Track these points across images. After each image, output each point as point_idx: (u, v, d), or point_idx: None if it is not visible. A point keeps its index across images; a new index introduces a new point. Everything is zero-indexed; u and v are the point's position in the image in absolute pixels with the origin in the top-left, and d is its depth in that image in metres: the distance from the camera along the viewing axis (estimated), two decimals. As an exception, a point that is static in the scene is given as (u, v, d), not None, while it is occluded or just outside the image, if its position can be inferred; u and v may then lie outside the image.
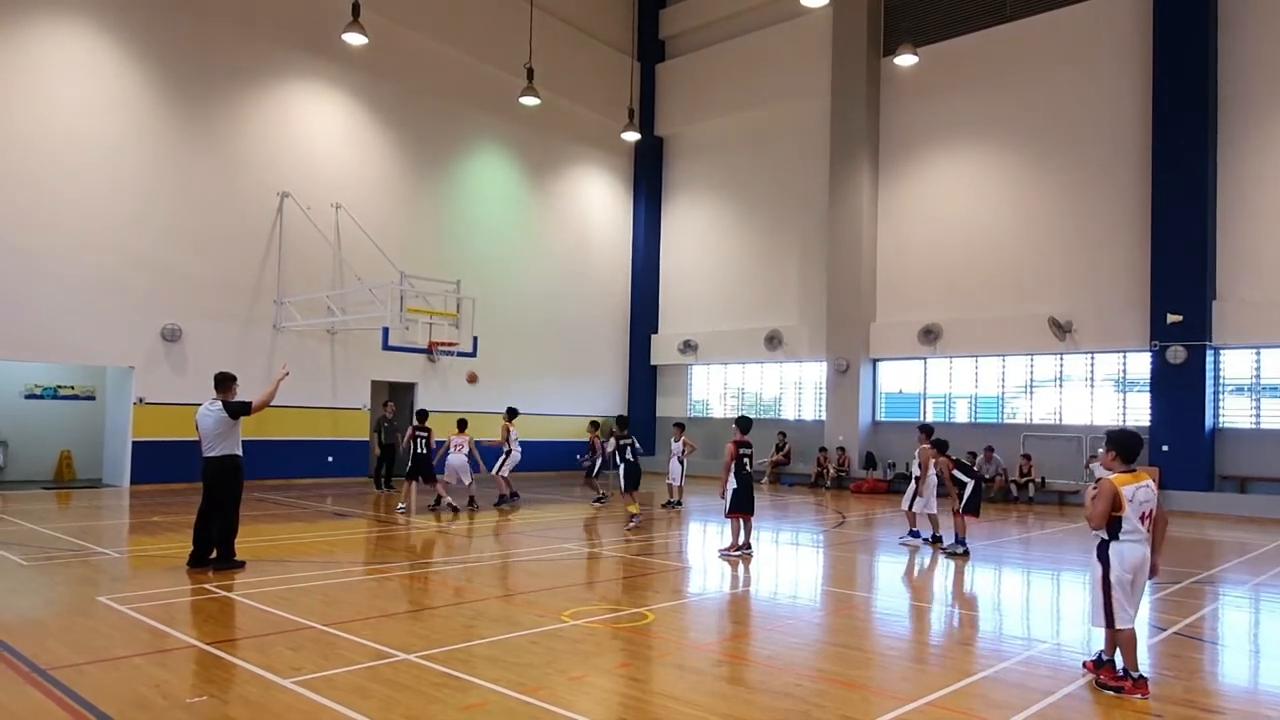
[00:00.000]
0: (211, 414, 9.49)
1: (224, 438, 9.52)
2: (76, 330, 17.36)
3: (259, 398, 9.78)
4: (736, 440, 11.58)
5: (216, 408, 9.51)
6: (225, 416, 9.48)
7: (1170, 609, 8.81)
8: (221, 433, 9.51)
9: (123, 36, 18.01)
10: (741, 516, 11.44)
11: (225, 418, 9.49)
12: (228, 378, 9.76)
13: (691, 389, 29.10)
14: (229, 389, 9.70)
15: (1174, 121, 19.23)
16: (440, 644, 6.61)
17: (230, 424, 9.53)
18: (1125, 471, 6.09)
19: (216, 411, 9.49)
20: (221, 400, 9.59)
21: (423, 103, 23.30)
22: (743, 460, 11.54)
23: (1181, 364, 18.92)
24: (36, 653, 6.10)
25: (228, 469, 9.56)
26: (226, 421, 9.49)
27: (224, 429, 9.50)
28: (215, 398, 9.61)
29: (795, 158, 26.17)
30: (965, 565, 11.48)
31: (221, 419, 9.48)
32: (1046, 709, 5.50)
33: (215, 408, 9.51)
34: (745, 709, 5.37)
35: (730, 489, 11.37)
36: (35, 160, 16.88)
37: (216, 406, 9.52)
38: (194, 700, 5.22)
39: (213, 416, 9.49)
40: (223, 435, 9.51)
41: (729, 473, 11.40)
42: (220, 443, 9.51)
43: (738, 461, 11.47)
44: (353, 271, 20.55)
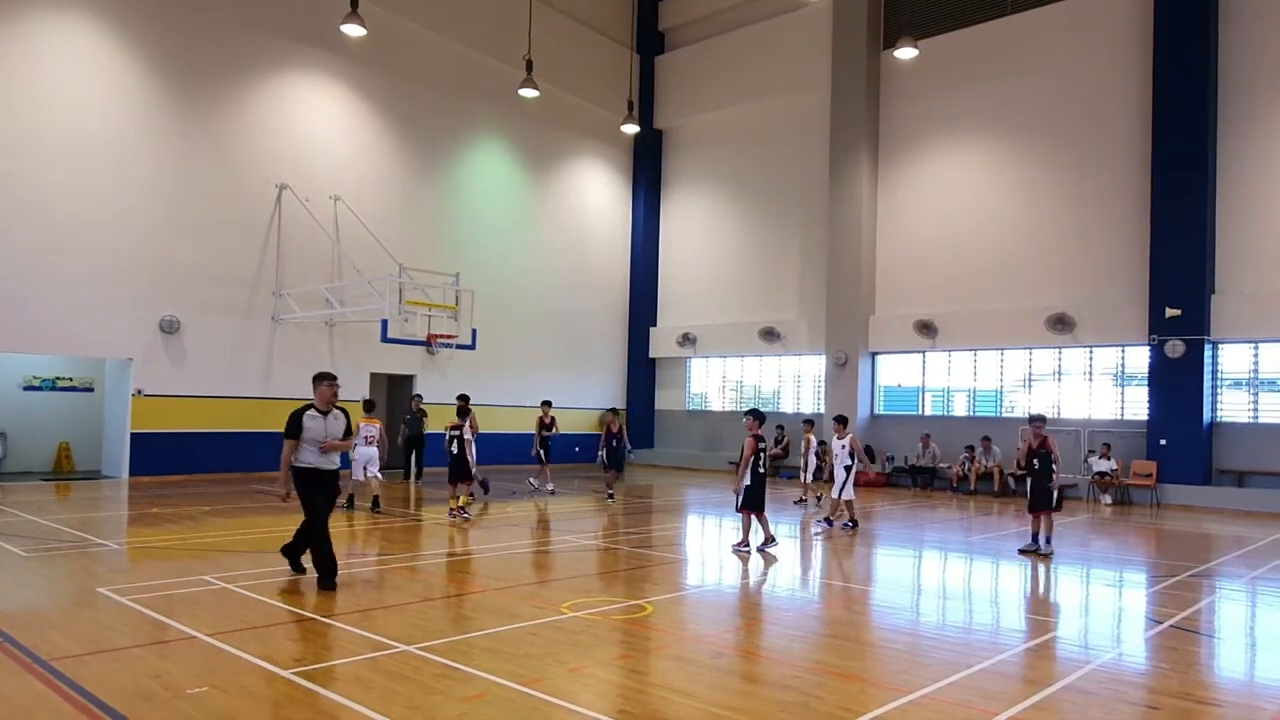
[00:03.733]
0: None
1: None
2: (75, 322, 17.35)
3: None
4: (756, 435, 11.34)
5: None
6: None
7: (1168, 602, 8.84)
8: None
9: (122, 29, 17.95)
10: (754, 514, 11.37)
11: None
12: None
13: (690, 382, 29.12)
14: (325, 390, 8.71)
15: (1174, 115, 19.22)
16: (440, 635, 6.63)
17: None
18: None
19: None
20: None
21: (421, 95, 23.25)
22: (760, 456, 11.37)
23: (1180, 358, 18.94)
24: (37, 643, 6.12)
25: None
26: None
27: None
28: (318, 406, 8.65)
29: (795, 151, 26.14)
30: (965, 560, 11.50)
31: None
32: (1044, 700, 5.53)
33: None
34: (744, 700, 5.39)
35: (744, 485, 11.22)
36: (34, 152, 16.84)
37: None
38: (195, 691, 5.23)
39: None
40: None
41: (747, 468, 11.18)
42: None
43: (755, 456, 11.29)
44: (351, 264, 20.53)
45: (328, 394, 8.51)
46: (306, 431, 8.27)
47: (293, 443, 8.25)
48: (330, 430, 8.42)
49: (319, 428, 8.34)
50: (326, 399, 8.51)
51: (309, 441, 8.28)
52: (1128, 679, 6.21)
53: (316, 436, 8.30)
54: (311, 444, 8.29)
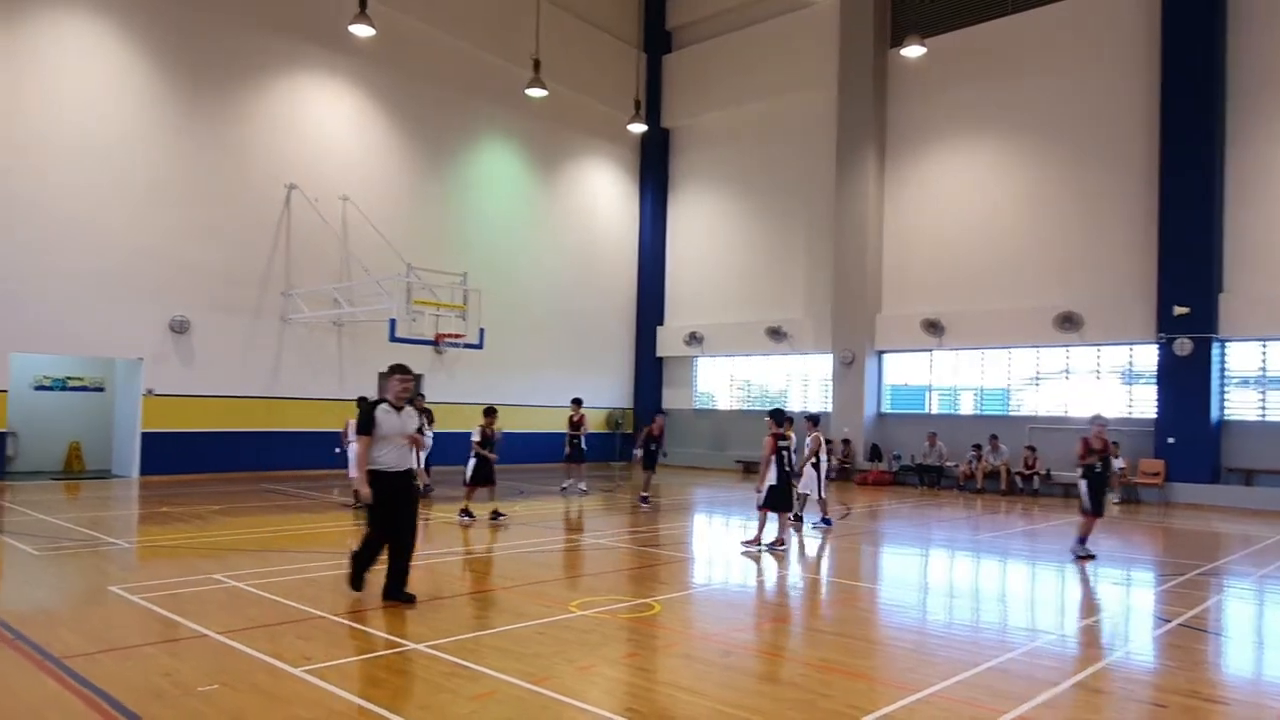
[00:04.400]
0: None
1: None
2: (86, 322, 17.45)
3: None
4: (775, 434, 11.29)
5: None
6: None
7: (1175, 600, 8.83)
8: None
9: (131, 30, 18.04)
10: (778, 514, 11.27)
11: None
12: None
13: (697, 381, 29.12)
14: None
15: (1182, 113, 19.15)
16: (449, 634, 6.66)
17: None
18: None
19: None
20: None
21: (429, 94, 23.31)
22: (782, 455, 11.26)
23: (1188, 356, 18.87)
24: (49, 641, 6.16)
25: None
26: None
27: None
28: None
29: (801, 150, 26.12)
30: (973, 559, 11.49)
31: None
32: (1052, 699, 5.53)
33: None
34: (752, 699, 5.41)
35: (768, 485, 11.15)
36: (44, 153, 16.95)
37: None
38: (206, 689, 5.27)
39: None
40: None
41: (769, 466, 11.16)
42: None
43: (777, 456, 11.23)
44: (360, 264, 20.60)
45: (399, 388, 7.76)
46: (381, 427, 7.53)
47: (368, 439, 7.52)
48: (404, 427, 7.73)
49: (394, 424, 7.61)
50: (399, 393, 7.76)
51: (383, 439, 7.56)
52: (1136, 677, 6.21)
53: (391, 433, 7.59)
54: (386, 441, 7.57)
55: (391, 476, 7.61)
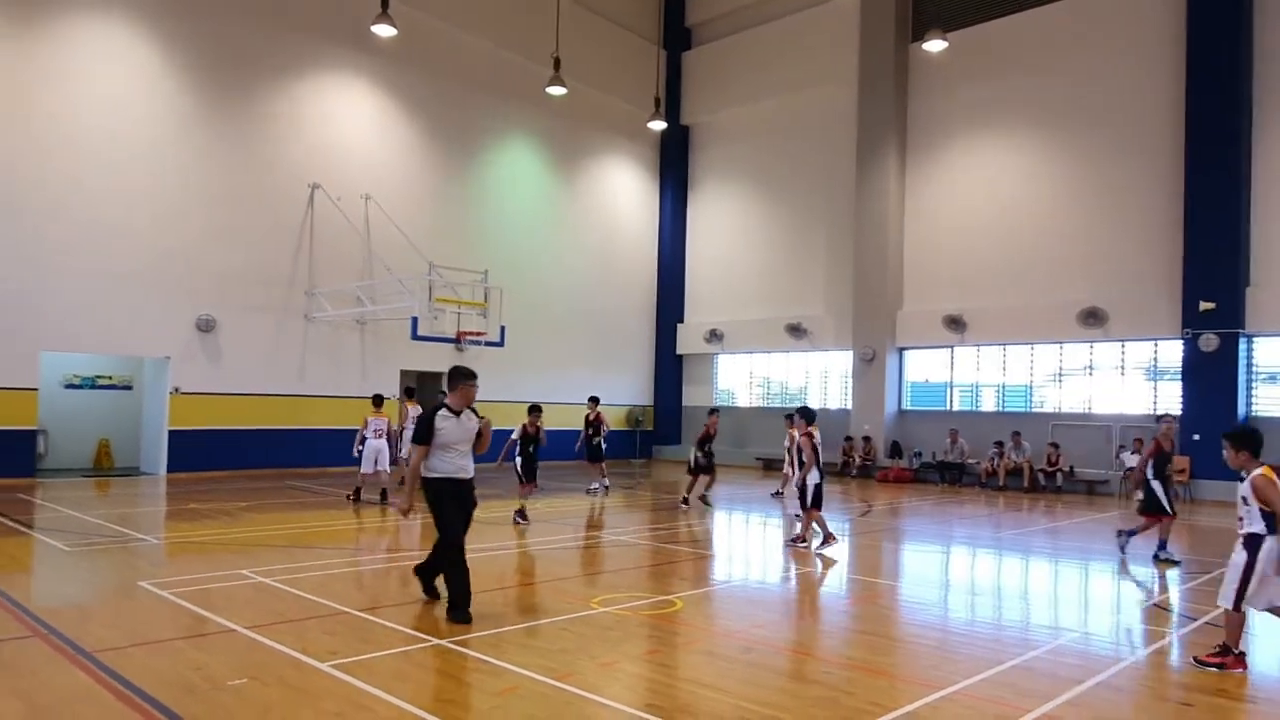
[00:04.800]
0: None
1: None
2: (114, 321, 17.70)
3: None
4: (809, 432, 11.23)
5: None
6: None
7: (1202, 599, 8.75)
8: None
9: (158, 34, 18.25)
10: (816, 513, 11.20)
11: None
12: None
13: (717, 378, 29.11)
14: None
15: (1208, 105, 18.91)
16: (471, 630, 6.71)
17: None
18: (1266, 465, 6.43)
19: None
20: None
21: (450, 93, 23.42)
22: (817, 452, 11.25)
23: (1214, 352, 18.66)
24: (81, 636, 6.27)
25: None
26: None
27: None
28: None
29: (822, 145, 26.02)
30: (995, 556, 11.42)
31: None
32: (1076, 697, 5.50)
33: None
34: (774, 696, 5.42)
35: (813, 483, 11.09)
36: (75, 157, 17.19)
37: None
38: (235, 683, 5.34)
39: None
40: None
41: (814, 466, 11.11)
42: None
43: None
44: (382, 262, 20.75)
45: (467, 394, 7.38)
46: (440, 435, 7.18)
47: (423, 449, 7.17)
48: (466, 433, 7.35)
49: (454, 430, 7.24)
50: (465, 399, 7.38)
51: (442, 446, 7.19)
52: (1161, 676, 6.17)
53: (451, 440, 7.22)
54: (445, 449, 7.21)
55: (452, 483, 7.27)
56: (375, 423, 14.82)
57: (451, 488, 7.26)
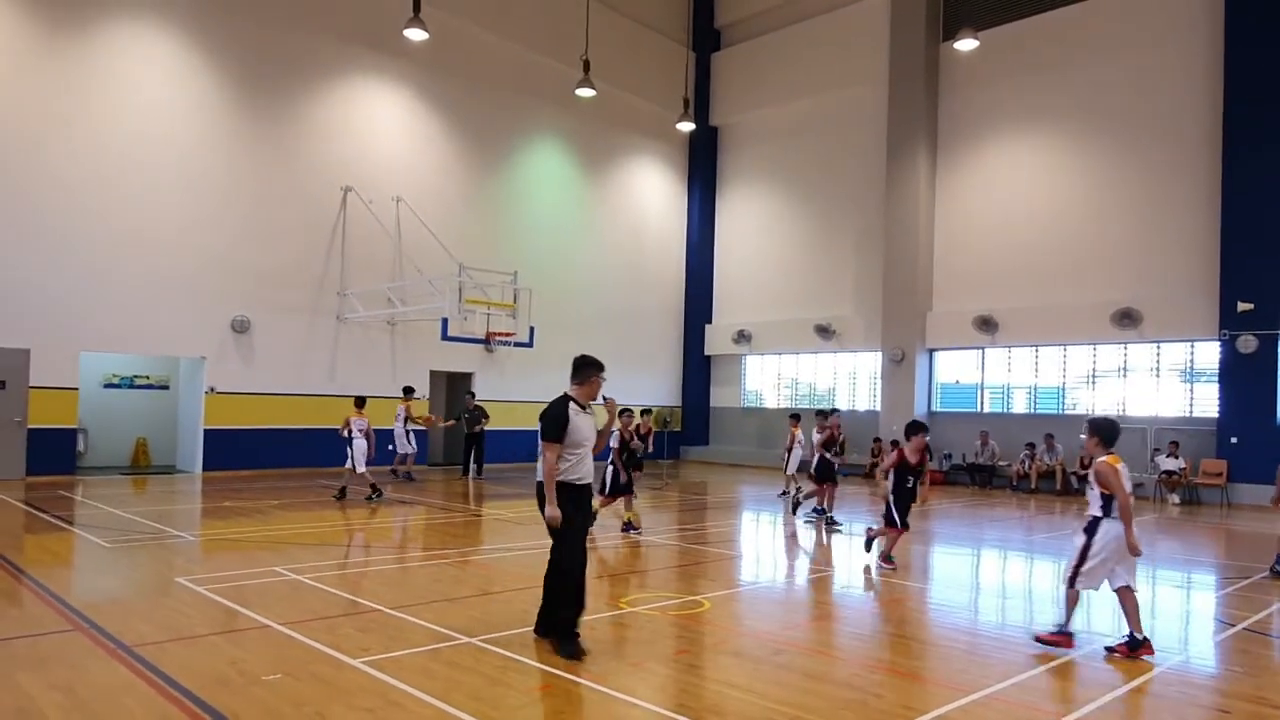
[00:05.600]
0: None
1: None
2: (151, 323, 18.02)
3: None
4: (924, 444, 10.26)
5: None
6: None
7: (1239, 604, 8.61)
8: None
9: (197, 40, 18.56)
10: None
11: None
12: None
13: (745, 379, 29.04)
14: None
15: (1246, 101, 18.57)
16: (501, 628, 6.76)
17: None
18: (1110, 454, 6.73)
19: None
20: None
21: (481, 96, 23.58)
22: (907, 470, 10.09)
23: (1252, 353, 18.33)
24: (122, 630, 6.40)
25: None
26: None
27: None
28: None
29: (851, 145, 25.88)
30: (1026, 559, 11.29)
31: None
32: (1110, 703, 5.45)
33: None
34: (804, 697, 5.41)
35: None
36: (112, 163, 17.52)
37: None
38: (270, 678, 5.43)
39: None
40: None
41: (887, 478, 10.13)
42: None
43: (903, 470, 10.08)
44: (413, 263, 20.94)
45: (598, 386, 6.70)
46: (574, 432, 6.32)
47: (558, 448, 6.25)
48: (592, 428, 6.58)
49: (585, 426, 6.43)
50: (594, 392, 6.68)
51: (570, 445, 6.32)
52: (1197, 682, 6.09)
53: (581, 439, 6.37)
54: (572, 448, 6.33)
55: (576, 490, 6.37)
56: (357, 423, 15.17)
57: (575, 494, 6.35)
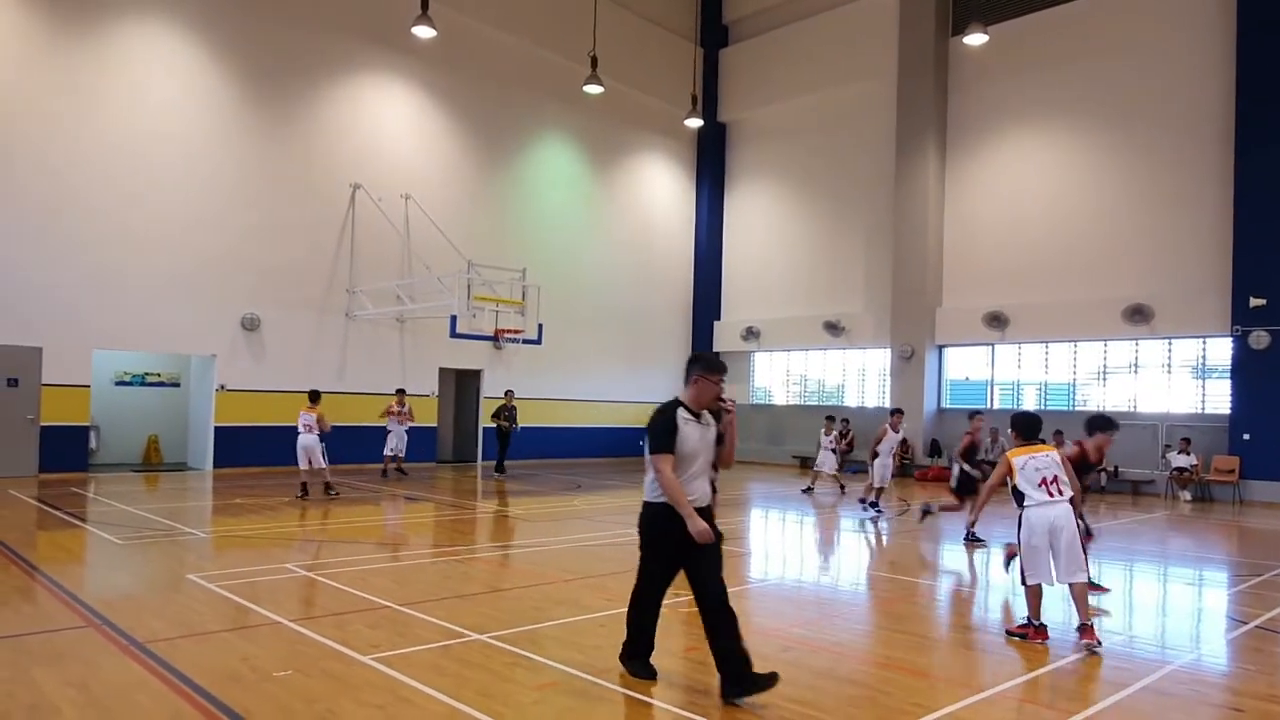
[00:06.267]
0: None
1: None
2: (162, 320, 18.11)
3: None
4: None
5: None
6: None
7: (1252, 602, 8.57)
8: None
9: (205, 38, 18.62)
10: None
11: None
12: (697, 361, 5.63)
13: (754, 376, 29.01)
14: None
15: (1259, 95, 18.45)
16: (510, 625, 6.78)
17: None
18: (1023, 446, 7.14)
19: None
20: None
21: (489, 93, 23.60)
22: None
23: (1264, 349, 18.22)
24: (134, 626, 6.44)
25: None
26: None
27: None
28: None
29: (860, 141, 25.81)
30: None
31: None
32: (1122, 701, 5.43)
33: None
34: (813, 695, 5.40)
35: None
36: (123, 162, 17.59)
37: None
38: (281, 674, 5.46)
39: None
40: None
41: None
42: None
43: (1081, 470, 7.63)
44: (421, 261, 20.97)
45: (707, 390, 5.47)
46: (685, 441, 5.38)
47: (672, 459, 5.34)
48: (708, 442, 5.54)
49: (697, 436, 5.45)
50: (704, 397, 5.50)
51: (685, 458, 5.40)
52: (1209, 680, 6.06)
53: (691, 450, 5.41)
54: (687, 462, 5.41)
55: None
56: (304, 418, 14.57)
57: (678, 519, 5.31)
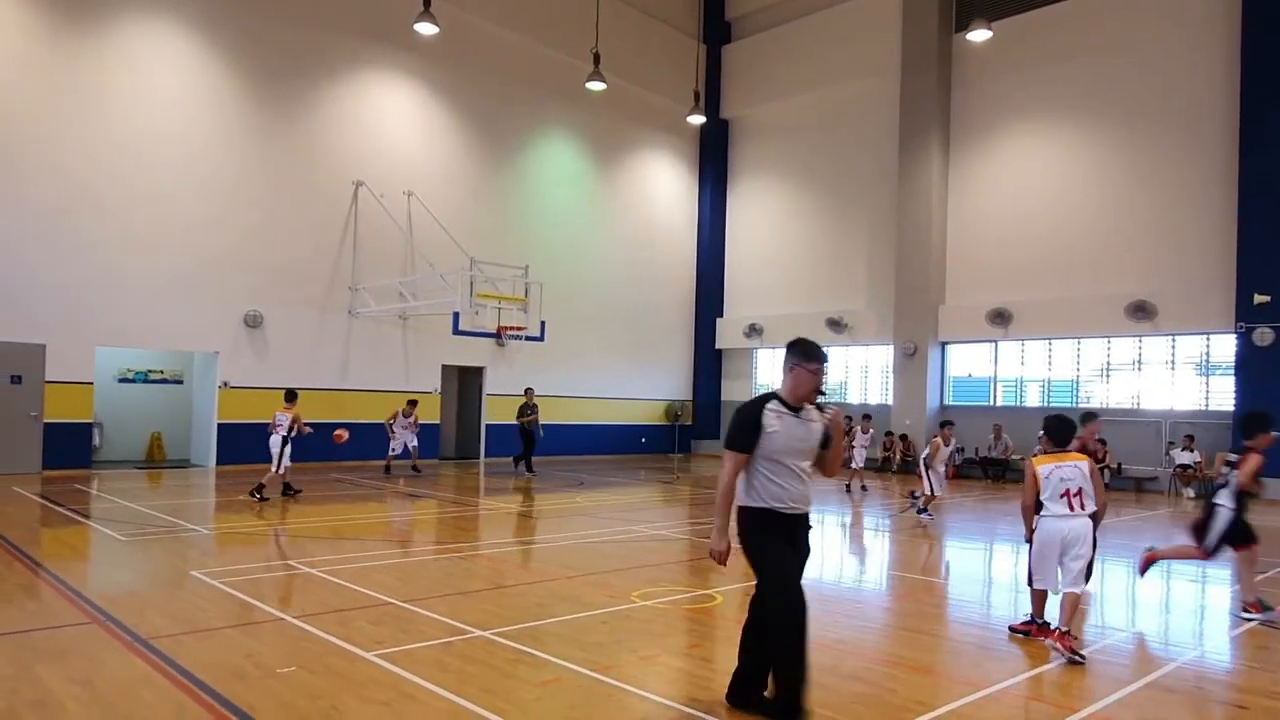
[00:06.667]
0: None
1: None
2: (165, 318, 18.12)
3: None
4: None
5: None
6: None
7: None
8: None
9: (207, 36, 18.61)
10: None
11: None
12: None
13: (757, 373, 29.00)
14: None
15: (1263, 91, 18.37)
16: (513, 622, 6.78)
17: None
18: (1052, 453, 6.72)
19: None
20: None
21: (491, 90, 23.58)
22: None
23: (1269, 346, 18.18)
24: (137, 623, 6.45)
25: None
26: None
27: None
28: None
29: (863, 138, 25.76)
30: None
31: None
32: (1126, 698, 5.42)
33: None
34: (817, 692, 5.38)
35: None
36: (126, 159, 17.60)
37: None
38: (285, 671, 5.46)
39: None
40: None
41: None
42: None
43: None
44: (424, 258, 20.98)
45: (812, 383, 4.74)
46: (770, 439, 4.67)
47: (741, 459, 4.71)
48: (809, 440, 4.79)
49: (790, 433, 4.71)
50: (803, 389, 4.74)
51: (769, 458, 4.67)
52: (1214, 677, 6.05)
53: (782, 448, 4.68)
54: (774, 463, 4.67)
55: (779, 519, 4.71)
56: (278, 417, 13.97)
57: (779, 525, 4.71)
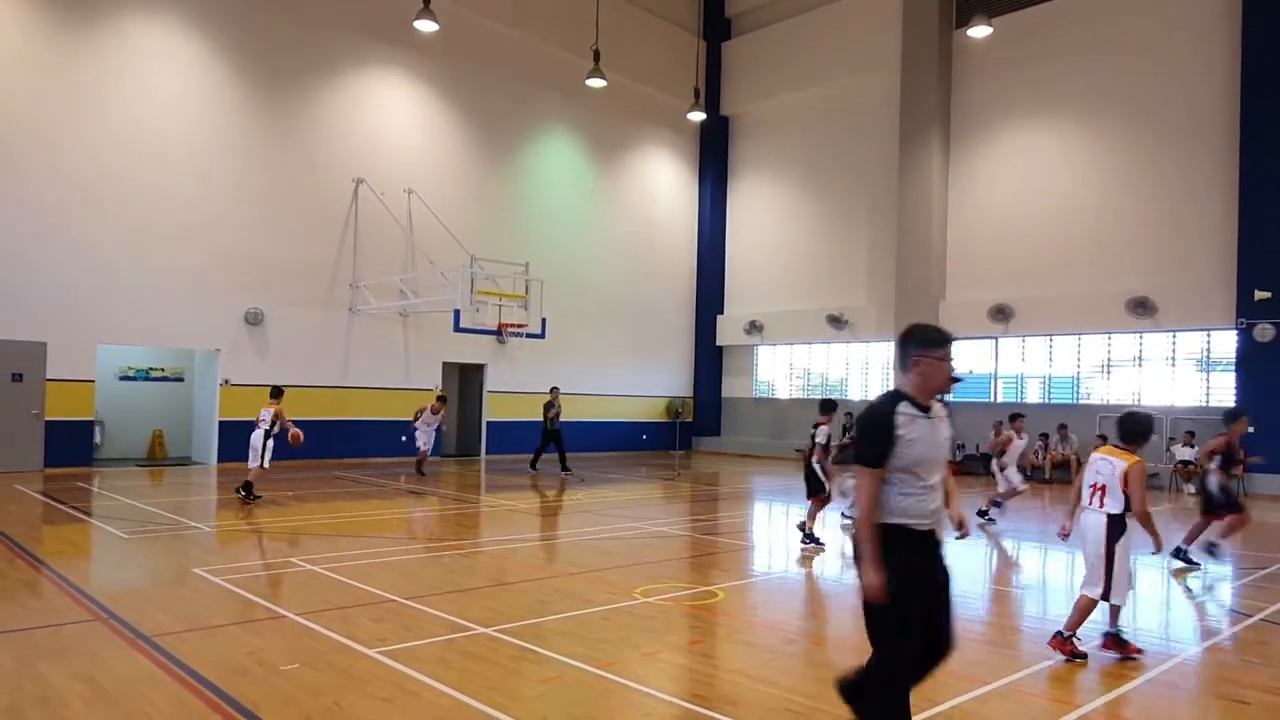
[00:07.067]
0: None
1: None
2: (166, 315, 18.12)
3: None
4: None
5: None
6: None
7: (1256, 595, 8.56)
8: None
9: (207, 33, 18.59)
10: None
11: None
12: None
13: (757, 370, 29.00)
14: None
15: (1264, 87, 18.35)
16: (515, 619, 6.79)
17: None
18: (1113, 446, 6.45)
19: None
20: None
21: (491, 87, 23.56)
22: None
23: (1270, 342, 18.18)
24: (140, 620, 6.46)
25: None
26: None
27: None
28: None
29: (864, 134, 25.74)
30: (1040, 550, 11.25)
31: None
32: (1128, 693, 5.43)
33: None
34: (818, 687, 5.41)
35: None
36: (127, 157, 17.59)
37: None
38: (287, 668, 5.47)
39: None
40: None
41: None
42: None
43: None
44: (425, 255, 20.97)
45: (944, 373, 4.08)
46: (910, 447, 3.96)
47: (878, 474, 3.97)
48: (941, 445, 4.15)
49: (929, 439, 4.05)
50: (942, 380, 4.10)
51: (905, 469, 3.98)
52: (1215, 673, 6.06)
53: (923, 456, 4.00)
54: (908, 474, 3.98)
55: (917, 538, 4.07)
56: (262, 414, 13.68)
57: (916, 545, 4.06)
